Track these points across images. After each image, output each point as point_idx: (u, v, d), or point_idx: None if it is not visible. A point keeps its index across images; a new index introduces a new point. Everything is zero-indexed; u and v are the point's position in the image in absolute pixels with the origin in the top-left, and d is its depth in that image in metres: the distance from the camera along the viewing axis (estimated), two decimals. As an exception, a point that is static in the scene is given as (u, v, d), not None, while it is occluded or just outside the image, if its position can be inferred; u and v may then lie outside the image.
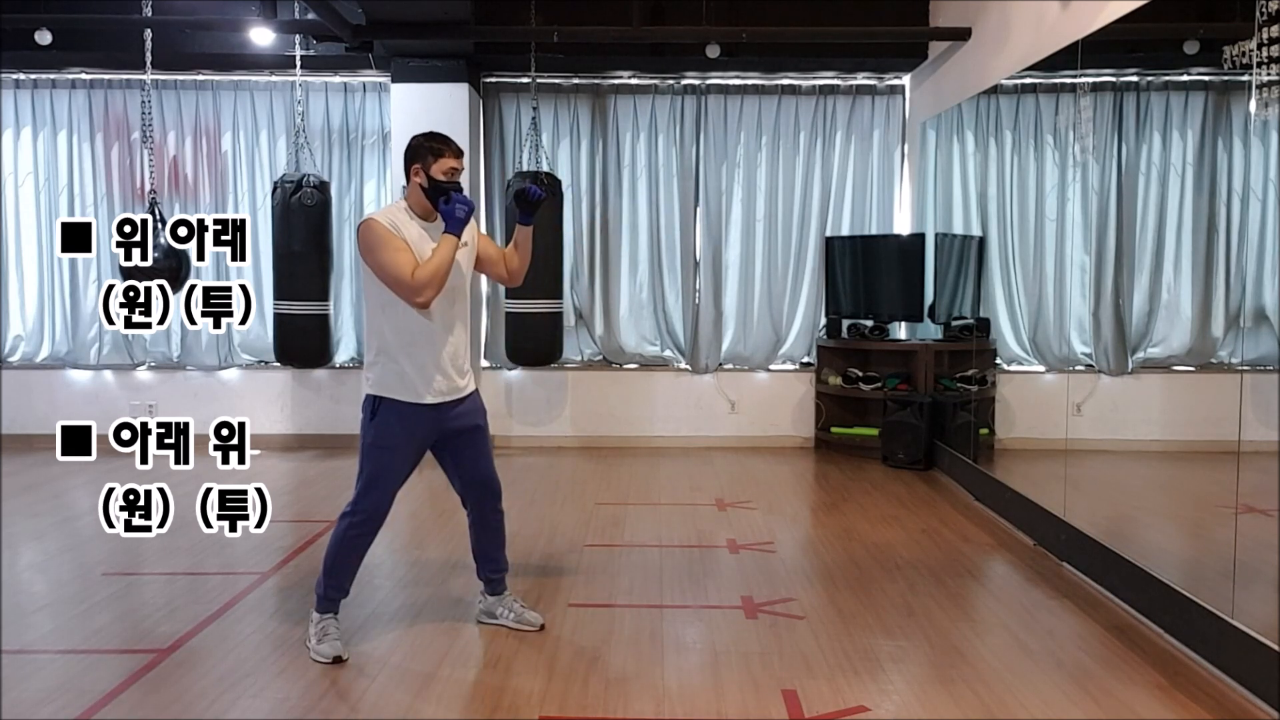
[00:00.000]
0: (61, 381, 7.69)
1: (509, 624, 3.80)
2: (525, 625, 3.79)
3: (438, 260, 3.39)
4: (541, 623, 3.80)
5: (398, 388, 3.49)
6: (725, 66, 7.44)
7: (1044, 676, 3.40)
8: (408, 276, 3.35)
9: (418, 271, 3.36)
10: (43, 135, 7.65)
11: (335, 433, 7.64)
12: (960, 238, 6.82)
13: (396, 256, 3.37)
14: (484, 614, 3.87)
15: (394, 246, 3.39)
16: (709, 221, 7.75)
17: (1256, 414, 3.56)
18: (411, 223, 3.50)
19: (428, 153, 3.49)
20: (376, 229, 3.41)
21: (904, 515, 5.61)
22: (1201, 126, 4.64)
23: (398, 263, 3.37)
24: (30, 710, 3.12)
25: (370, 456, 3.53)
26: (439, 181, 3.48)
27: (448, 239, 3.42)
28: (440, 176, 3.48)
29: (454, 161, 3.50)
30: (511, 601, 3.85)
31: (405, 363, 3.48)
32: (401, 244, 3.40)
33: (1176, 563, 4.25)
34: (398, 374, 3.49)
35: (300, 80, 7.30)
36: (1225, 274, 4.62)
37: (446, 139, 3.55)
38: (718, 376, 7.80)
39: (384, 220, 3.45)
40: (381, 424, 3.51)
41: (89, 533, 5.09)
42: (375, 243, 3.39)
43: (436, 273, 3.37)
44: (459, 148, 3.56)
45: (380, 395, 3.50)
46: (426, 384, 3.50)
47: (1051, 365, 5.72)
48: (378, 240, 3.39)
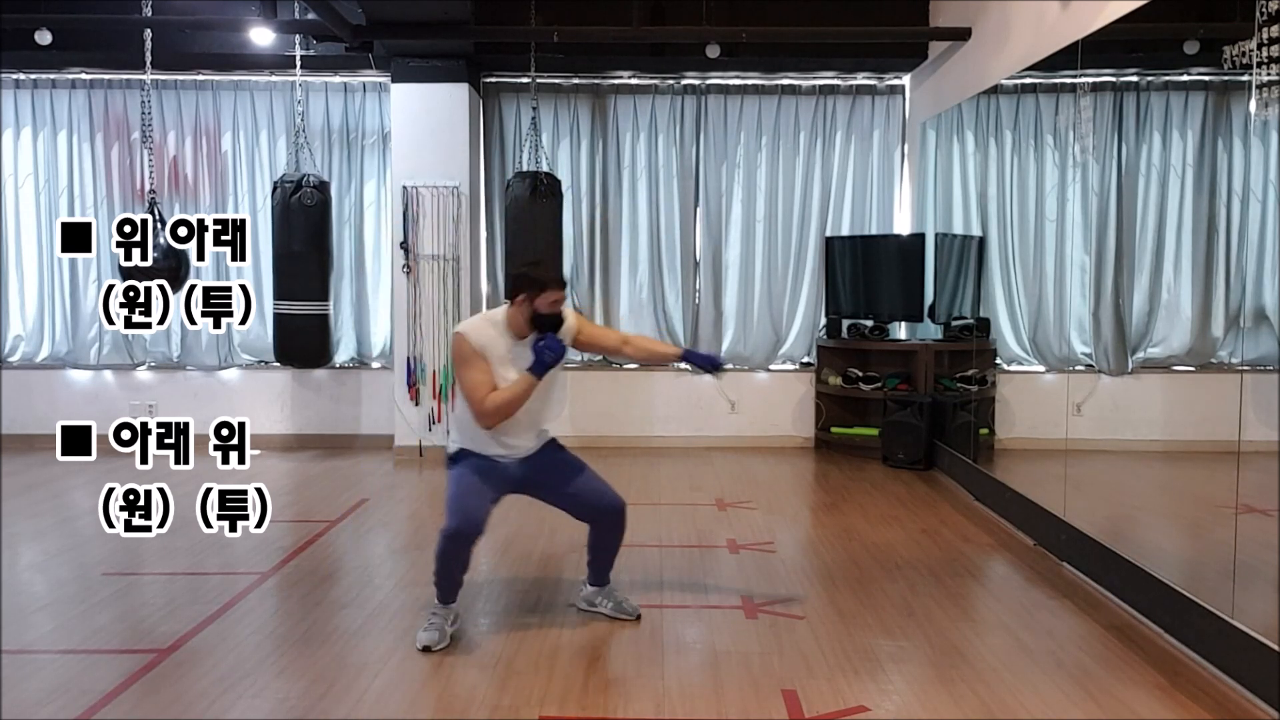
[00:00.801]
0: (61, 381, 7.68)
1: (607, 611, 3.95)
2: (623, 614, 3.93)
3: (509, 394, 3.61)
4: (639, 612, 3.94)
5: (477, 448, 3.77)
6: (725, 66, 7.44)
7: (1044, 676, 3.40)
8: (479, 401, 3.61)
9: (487, 400, 3.60)
10: (43, 135, 7.65)
11: (335, 433, 7.65)
12: (960, 238, 6.82)
13: (474, 377, 3.63)
14: (584, 601, 4.03)
15: (474, 367, 3.64)
16: (709, 221, 7.75)
17: (1256, 414, 3.56)
18: (502, 339, 3.72)
19: (534, 285, 3.68)
20: (462, 348, 3.66)
21: (904, 515, 5.61)
22: (1201, 126, 4.64)
23: (474, 383, 3.62)
24: (30, 710, 3.12)
25: (454, 485, 3.76)
26: (543, 315, 3.69)
27: (526, 378, 3.63)
28: (545, 310, 3.69)
29: (558, 294, 3.72)
30: (612, 590, 4.00)
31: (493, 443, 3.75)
32: (484, 366, 3.65)
33: (1176, 563, 4.25)
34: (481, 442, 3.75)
35: (300, 80, 7.31)
36: (1225, 274, 4.62)
37: (555, 275, 3.78)
38: (718, 376, 7.80)
39: (474, 337, 3.68)
40: (464, 465, 3.78)
41: (89, 533, 5.09)
42: (459, 359, 3.68)
43: (505, 406, 3.61)
44: (563, 280, 3.81)
45: (464, 448, 3.80)
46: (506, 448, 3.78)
47: (1051, 365, 5.72)
48: (462, 358, 3.67)
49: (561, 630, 3.81)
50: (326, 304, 7.25)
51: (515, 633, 3.78)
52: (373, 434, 7.62)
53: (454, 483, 3.75)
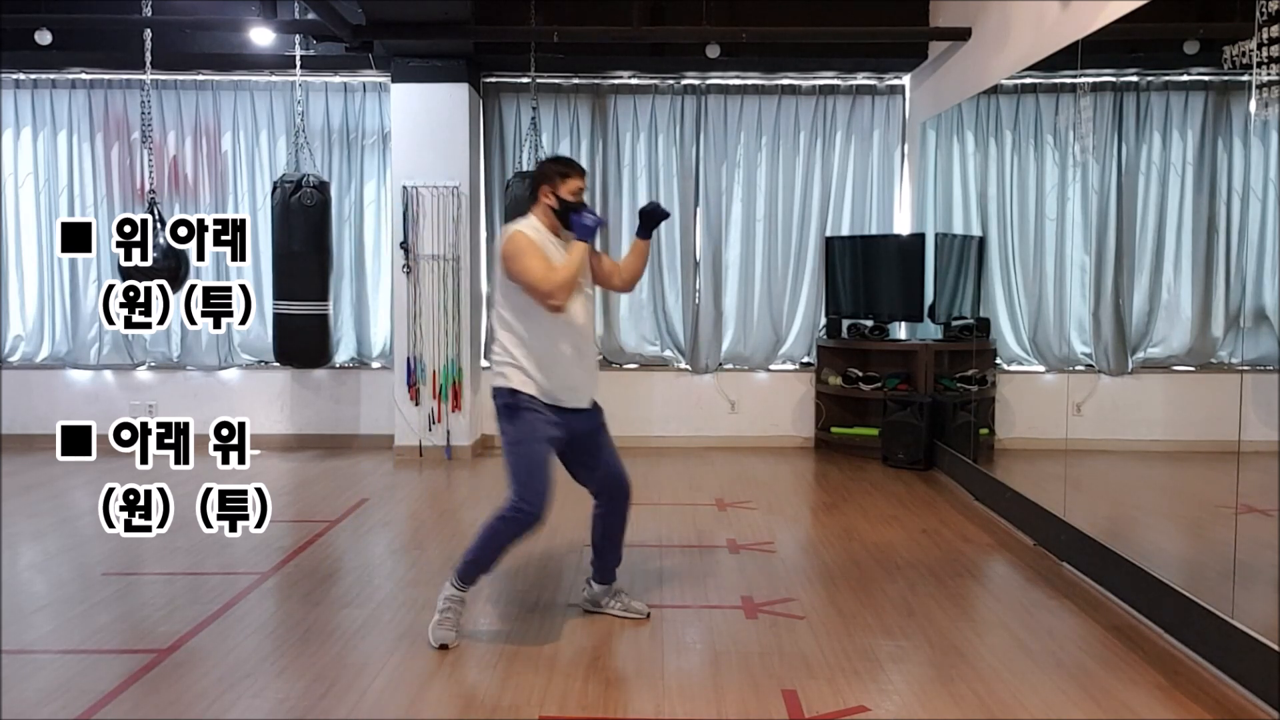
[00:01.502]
0: (61, 381, 7.68)
1: (614, 612, 3.92)
2: (631, 613, 3.91)
3: (569, 266, 3.56)
4: (648, 612, 3.92)
5: (531, 385, 3.63)
6: (725, 66, 7.44)
7: (1044, 676, 3.40)
8: (543, 280, 3.52)
9: (551, 275, 3.53)
10: (43, 135, 7.65)
11: (335, 433, 7.65)
12: (960, 238, 6.82)
13: (536, 264, 3.55)
14: (589, 602, 3.99)
15: (535, 254, 3.57)
16: (709, 221, 7.75)
17: (1256, 414, 3.56)
18: (545, 238, 3.67)
19: (556, 175, 3.69)
20: (521, 239, 3.59)
21: (904, 515, 5.61)
22: (1201, 126, 4.64)
23: (537, 268, 3.54)
24: (30, 710, 3.12)
25: (517, 453, 3.62)
26: (568, 202, 3.67)
27: (579, 245, 3.62)
28: (569, 197, 3.68)
29: (579, 182, 3.71)
30: (618, 591, 3.97)
31: (536, 366, 3.62)
32: (543, 253, 3.59)
33: (1176, 563, 4.25)
34: (534, 374, 3.63)
35: (300, 80, 7.30)
36: (1225, 274, 4.62)
37: (572, 161, 3.78)
38: (718, 376, 7.80)
39: (530, 231, 3.64)
40: (518, 419, 3.62)
41: (89, 533, 5.09)
42: (518, 250, 3.56)
43: (569, 277, 3.55)
44: (583, 169, 3.78)
45: (516, 389, 3.62)
46: (560, 388, 3.65)
47: (1051, 365, 5.72)
48: (522, 249, 3.57)
49: (561, 630, 3.81)
50: (326, 304, 7.25)
51: (515, 633, 3.78)
52: (373, 434, 7.62)
53: (514, 448, 3.61)
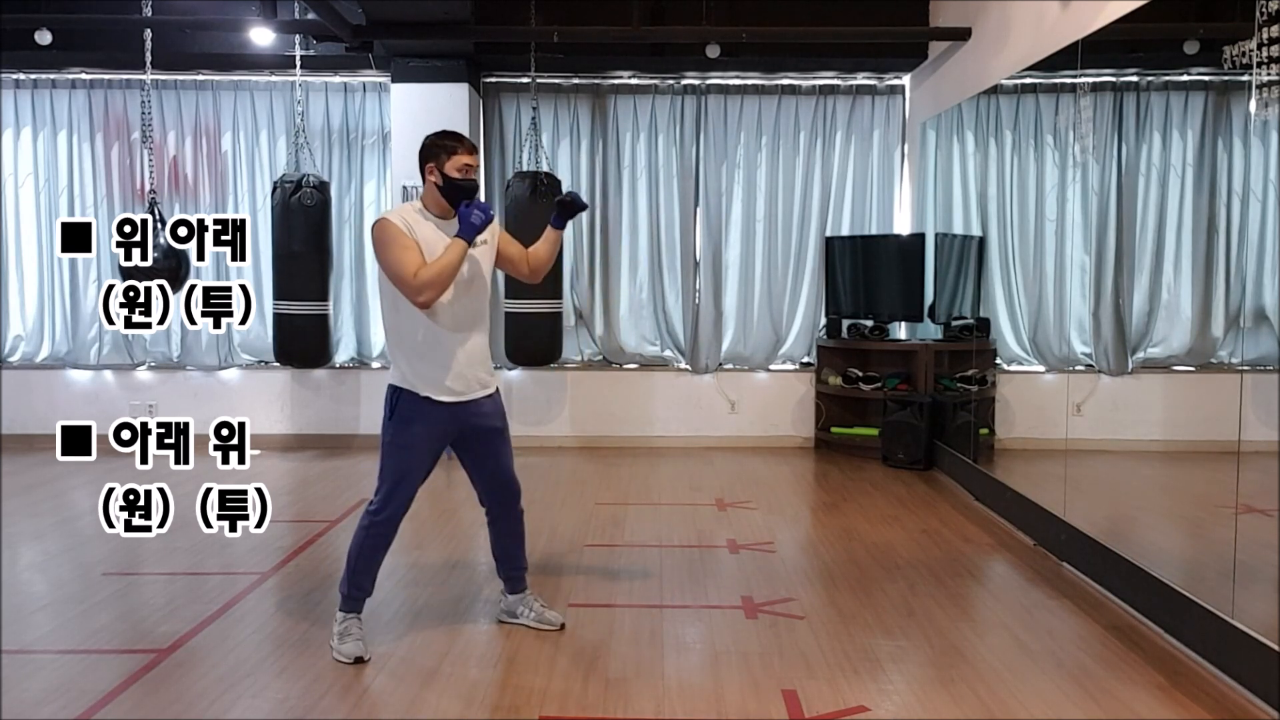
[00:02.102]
0: (61, 381, 7.68)
1: (529, 623, 3.79)
2: (546, 625, 3.78)
3: (443, 262, 3.36)
4: (562, 622, 3.80)
5: (416, 382, 3.49)
6: (725, 66, 7.44)
7: (1044, 676, 3.40)
8: (410, 276, 3.33)
9: (421, 271, 3.34)
10: (43, 135, 7.65)
11: (335, 433, 7.65)
12: (960, 238, 6.82)
13: (403, 255, 3.35)
14: (505, 613, 3.87)
15: (402, 245, 3.37)
16: (709, 221, 7.75)
17: (1256, 414, 3.56)
18: (426, 222, 3.49)
19: (441, 151, 3.48)
20: (388, 228, 3.40)
21: (904, 515, 5.61)
22: (1201, 126, 4.64)
23: (403, 261, 3.35)
24: (30, 710, 3.12)
25: (390, 455, 3.54)
26: (454, 179, 3.47)
27: (457, 243, 3.39)
28: (454, 174, 3.47)
29: (468, 158, 3.48)
30: (532, 600, 3.85)
31: (422, 360, 3.49)
32: (411, 243, 3.39)
33: (1176, 563, 4.25)
34: (416, 370, 3.49)
35: (300, 80, 7.30)
36: (1225, 274, 4.62)
37: (459, 135, 3.55)
38: (718, 376, 7.80)
39: (397, 219, 3.44)
40: (400, 421, 3.51)
41: (89, 533, 5.09)
42: (385, 240, 3.38)
43: (440, 275, 3.35)
44: (472, 144, 3.55)
45: (401, 387, 3.51)
46: (440, 383, 3.49)
47: (1051, 365, 5.72)
48: (388, 238, 3.38)
49: (561, 630, 3.81)
50: (326, 304, 7.25)
51: (515, 633, 3.78)
52: (373, 434, 7.50)
53: (391, 451, 3.51)
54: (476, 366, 3.58)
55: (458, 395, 3.52)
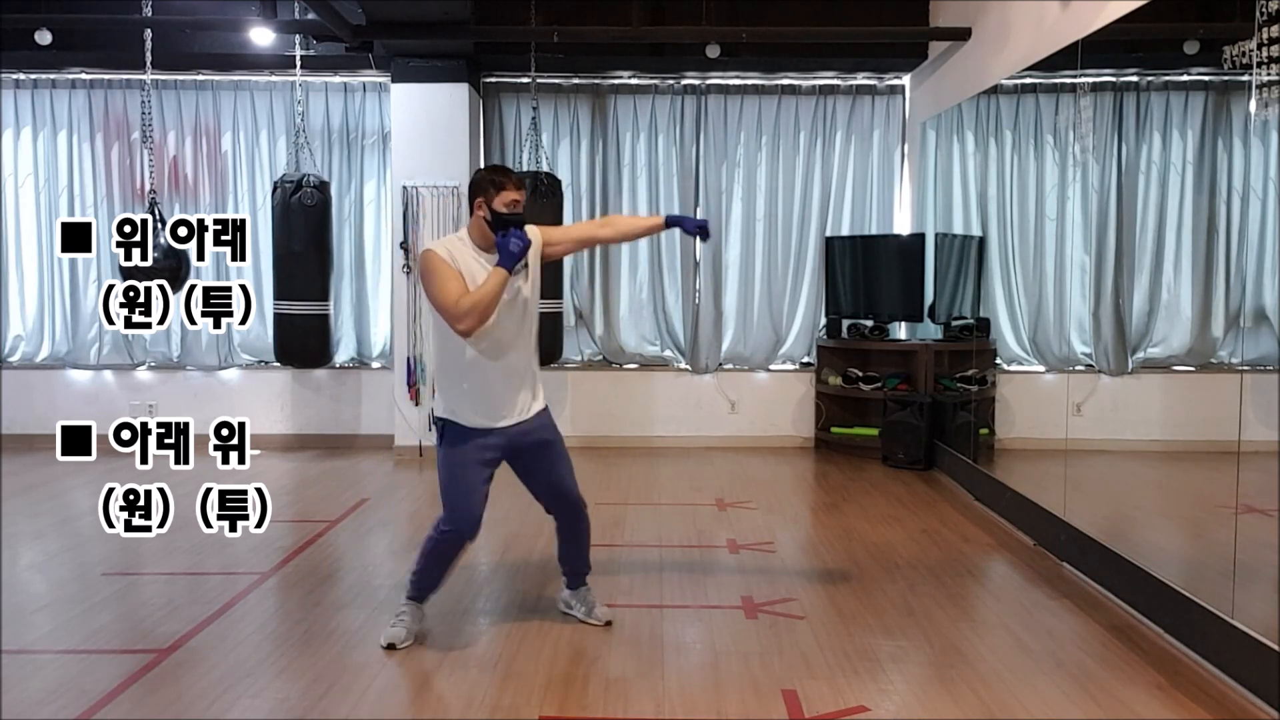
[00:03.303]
0: (61, 381, 7.68)
1: (580, 616, 3.92)
2: (592, 620, 3.89)
3: (482, 292, 3.44)
4: (608, 620, 3.88)
5: (460, 411, 3.61)
6: (725, 66, 7.43)
7: (1044, 676, 3.40)
8: (451, 305, 3.43)
9: (462, 300, 3.43)
10: (43, 135, 7.65)
11: (335, 433, 7.65)
12: (960, 238, 6.82)
13: (445, 285, 3.45)
14: (563, 603, 4.01)
15: (445, 275, 3.47)
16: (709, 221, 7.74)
17: (1256, 414, 3.56)
18: (469, 253, 3.57)
19: (489, 185, 3.56)
20: (432, 259, 3.50)
21: (904, 515, 5.61)
22: (1201, 126, 4.64)
23: (445, 291, 3.45)
24: (30, 710, 3.12)
25: (446, 477, 3.66)
26: (501, 214, 3.54)
27: (497, 272, 3.47)
28: (502, 209, 3.54)
29: (515, 193, 3.56)
30: (585, 594, 3.96)
31: (466, 389, 3.60)
32: (454, 273, 3.49)
33: (1176, 563, 4.25)
34: (462, 398, 3.61)
35: (300, 80, 7.30)
36: (1225, 274, 4.62)
37: (508, 171, 3.63)
38: (718, 376, 7.80)
39: (442, 250, 3.54)
40: (449, 445, 3.64)
41: (89, 533, 5.09)
42: (428, 270, 3.49)
43: (479, 304, 3.43)
44: (520, 180, 3.62)
45: (446, 419, 3.64)
46: (490, 409, 3.61)
47: (1051, 365, 5.72)
48: (431, 268, 3.49)
49: (561, 630, 3.81)
50: (326, 304, 7.25)
51: (515, 633, 3.78)
52: (373, 434, 7.62)
53: (445, 471, 3.65)
54: (521, 391, 3.68)
55: (502, 420, 3.63)
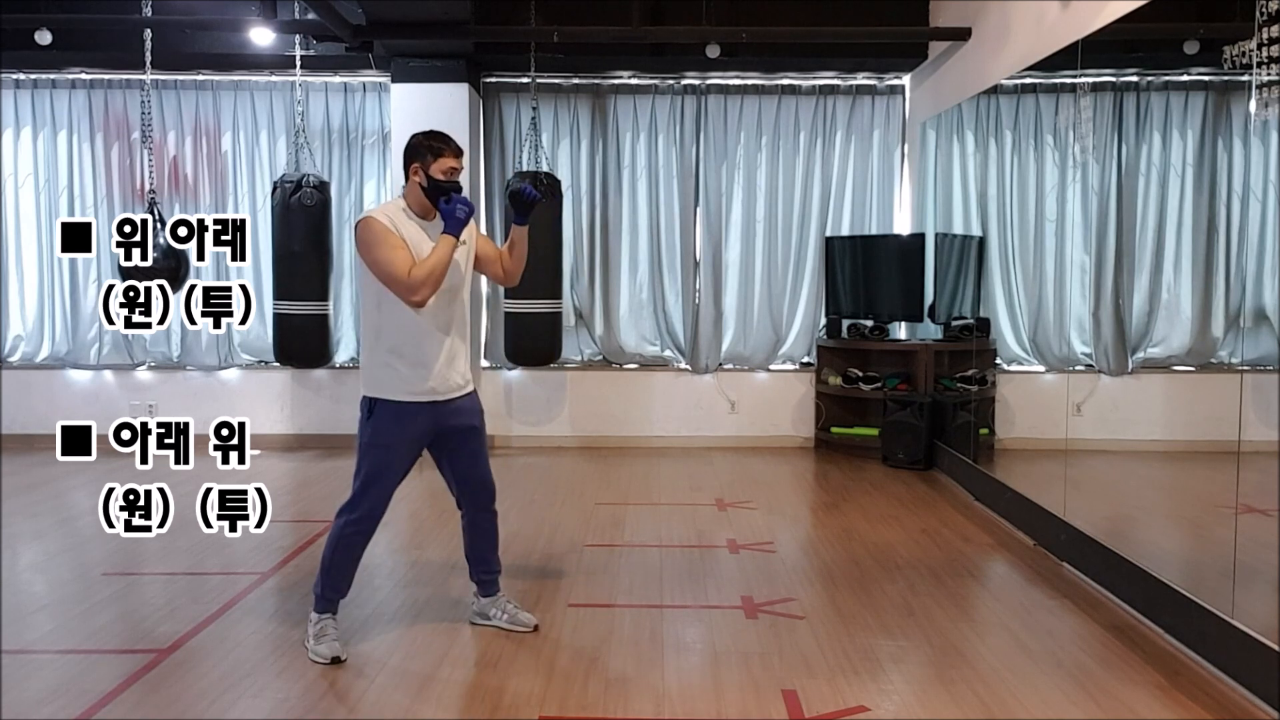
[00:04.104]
0: (61, 381, 7.68)
1: (502, 625, 3.79)
2: (519, 626, 3.77)
3: (434, 259, 3.38)
4: (535, 624, 3.79)
5: (393, 387, 3.50)
6: (725, 66, 7.43)
7: (1044, 676, 3.40)
8: (404, 275, 3.35)
9: (414, 270, 3.36)
10: (43, 135, 7.65)
11: (335, 433, 7.64)
12: (960, 238, 6.82)
13: (393, 254, 3.37)
14: (477, 615, 3.86)
15: (391, 244, 3.38)
16: (709, 221, 7.75)
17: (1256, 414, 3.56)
18: (410, 221, 3.49)
19: (427, 151, 3.47)
20: (375, 226, 3.40)
21: (904, 515, 5.61)
22: (1201, 126, 4.64)
23: (394, 260, 3.36)
24: (30, 710, 3.12)
25: (367, 456, 3.54)
26: (438, 181, 3.46)
27: (446, 239, 3.41)
28: (440, 176, 3.47)
29: (453, 161, 3.48)
30: (504, 602, 3.84)
31: (400, 361, 3.49)
32: (399, 242, 3.40)
33: (1176, 562, 4.25)
34: (393, 373, 3.49)
35: (300, 80, 7.30)
36: (1225, 274, 4.62)
37: (446, 137, 3.54)
38: (718, 376, 7.80)
39: (382, 217, 3.44)
40: (378, 423, 3.52)
41: (89, 533, 5.09)
42: (373, 240, 3.39)
43: (433, 272, 3.37)
44: (459, 147, 3.55)
45: (376, 396, 3.52)
46: (421, 382, 3.50)
47: (1051, 365, 5.72)
48: (375, 238, 3.39)
49: (561, 630, 3.81)
50: (326, 304, 7.25)
51: (515, 633, 3.78)
52: (373, 434, 7.60)
53: (370, 454, 3.51)
54: (456, 366, 3.60)
55: (436, 395, 3.53)
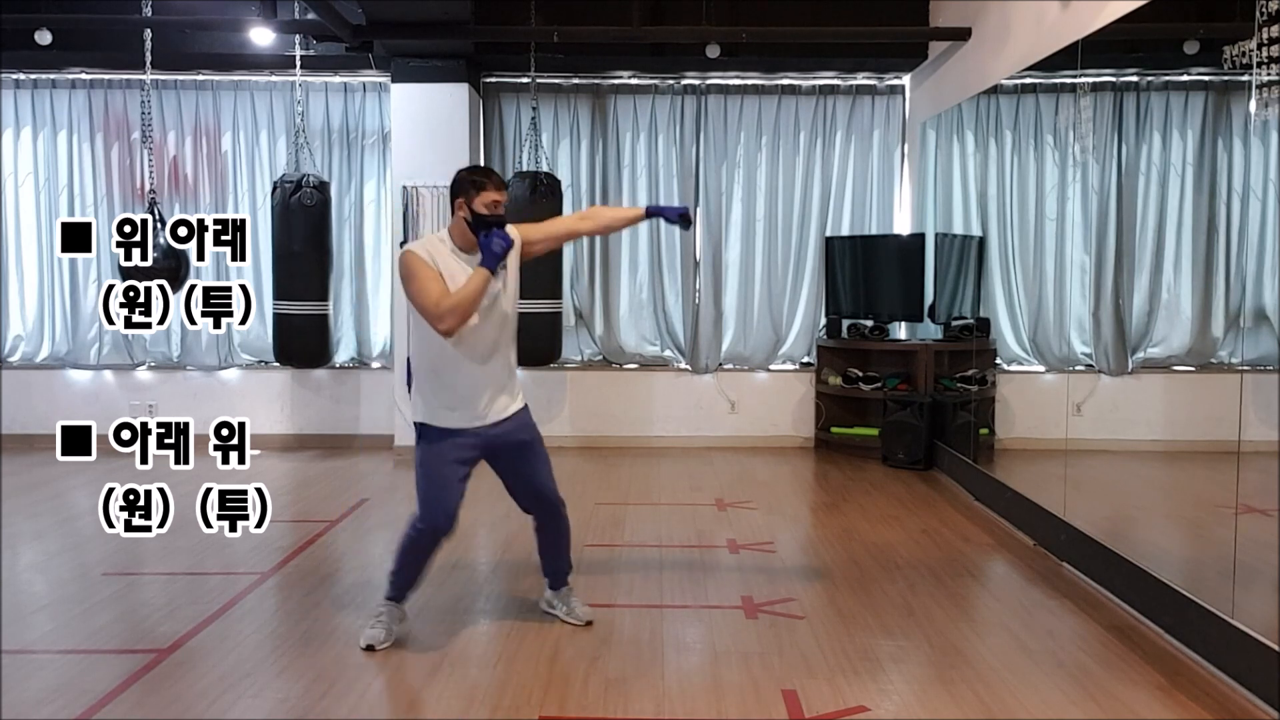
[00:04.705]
0: (61, 381, 7.68)
1: (562, 616, 3.92)
2: (573, 619, 3.89)
3: (464, 292, 3.46)
4: (589, 619, 3.88)
5: (438, 414, 3.62)
6: (725, 66, 7.43)
7: (1044, 676, 3.40)
8: (432, 305, 3.43)
9: (442, 301, 3.44)
10: (43, 135, 7.65)
11: (335, 433, 7.65)
12: (960, 238, 6.82)
13: (426, 285, 3.45)
14: (545, 603, 4.01)
15: (425, 277, 3.46)
16: (709, 221, 7.75)
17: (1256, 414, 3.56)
18: (450, 255, 3.58)
19: (470, 186, 3.56)
20: (412, 261, 3.50)
21: (904, 515, 5.61)
22: (1201, 126, 4.64)
23: (426, 291, 3.45)
24: (30, 710, 3.12)
25: (421, 475, 3.68)
26: (482, 215, 3.54)
27: (479, 273, 3.48)
28: (483, 210, 3.54)
29: (496, 194, 3.56)
30: (568, 596, 3.96)
31: (444, 389, 3.61)
32: (434, 275, 3.48)
33: (1176, 563, 4.25)
34: (437, 400, 3.61)
35: (300, 80, 7.30)
36: (1225, 274, 4.62)
37: (489, 171, 3.67)
38: (718, 376, 7.80)
39: (421, 251, 3.54)
40: (426, 446, 3.65)
41: (89, 533, 5.09)
42: (408, 273, 3.49)
43: (460, 304, 3.44)
44: (501, 180, 3.63)
45: (423, 422, 3.64)
46: (464, 409, 3.61)
47: (1051, 365, 5.72)
48: (410, 271, 3.48)
49: (561, 630, 3.81)
50: (326, 304, 7.25)
51: (515, 633, 3.78)
52: (373, 434, 7.61)
53: (421, 469, 3.66)
54: (499, 392, 3.69)
55: (480, 421, 3.64)
